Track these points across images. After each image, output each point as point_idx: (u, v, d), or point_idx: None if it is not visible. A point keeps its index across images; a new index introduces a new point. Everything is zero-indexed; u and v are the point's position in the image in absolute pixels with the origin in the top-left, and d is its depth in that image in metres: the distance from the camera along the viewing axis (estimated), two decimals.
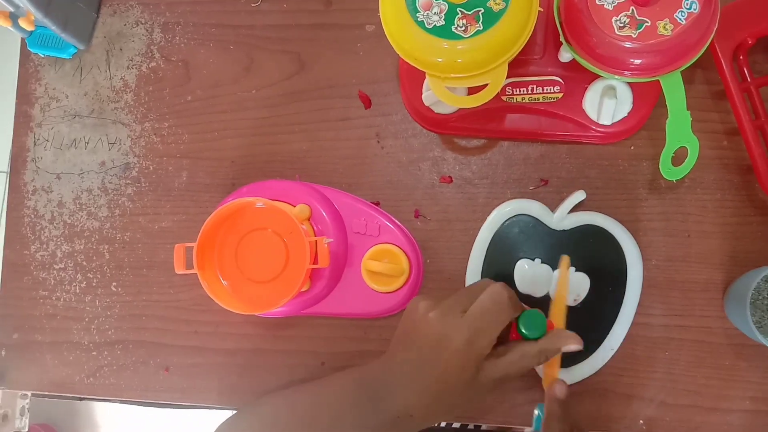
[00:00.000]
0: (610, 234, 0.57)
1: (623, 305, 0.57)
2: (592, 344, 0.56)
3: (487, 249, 0.59)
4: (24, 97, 0.70)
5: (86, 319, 0.65)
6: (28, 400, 0.72)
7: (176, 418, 1.65)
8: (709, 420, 0.56)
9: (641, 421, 0.57)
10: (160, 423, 1.66)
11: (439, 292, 0.60)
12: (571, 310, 0.55)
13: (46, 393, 0.67)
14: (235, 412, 0.58)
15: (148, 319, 0.64)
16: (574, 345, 0.49)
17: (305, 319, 0.61)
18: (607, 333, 0.57)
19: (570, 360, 0.56)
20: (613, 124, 0.56)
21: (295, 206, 0.59)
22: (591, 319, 0.57)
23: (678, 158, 0.53)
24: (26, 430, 0.71)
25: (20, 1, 0.59)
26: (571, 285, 0.56)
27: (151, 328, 0.64)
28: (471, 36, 0.48)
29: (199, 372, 0.63)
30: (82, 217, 0.66)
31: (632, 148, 0.59)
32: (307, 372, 0.61)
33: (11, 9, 0.60)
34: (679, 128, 0.53)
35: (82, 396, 0.67)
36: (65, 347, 0.66)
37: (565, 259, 0.54)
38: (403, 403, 0.49)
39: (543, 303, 0.56)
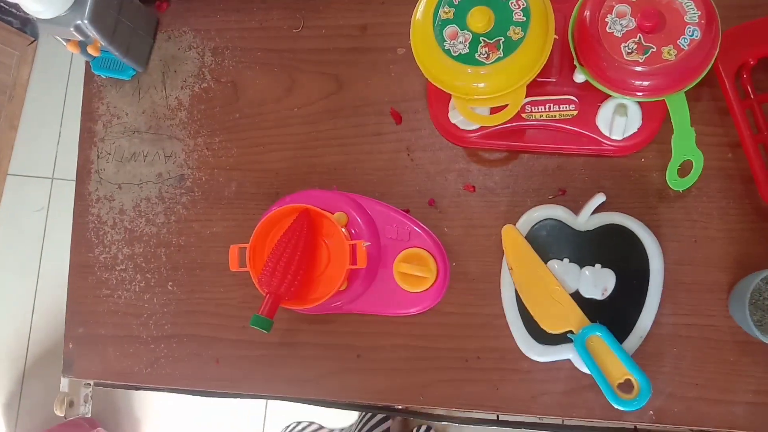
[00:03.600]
0: (630, 231, 0.62)
1: (648, 295, 0.61)
2: (622, 333, 0.61)
3: None
4: (88, 115, 0.77)
5: (144, 315, 0.73)
6: (90, 389, 0.80)
7: (212, 413, 1.72)
8: (715, 411, 0.60)
9: (651, 412, 0.61)
10: (198, 416, 1.73)
11: (464, 292, 0.65)
12: (600, 303, 0.61)
13: (108, 382, 0.75)
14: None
15: (201, 315, 0.71)
16: None
17: (342, 315, 0.67)
18: (635, 322, 0.61)
19: None
20: (624, 138, 0.61)
21: (333, 213, 0.65)
22: (619, 311, 0.61)
23: (684, 170, 0.58)
24: (89, 415, 0.78)
25: (90, 32, 0.66)
26: (598, 280, 0.61)
27: (204, 323, 0.71)
28: (493, 62, 0.54)
29: (246, 363, 0.69)
30: (141, 223, 0.74)
31: (642, 160, 0.63)
32: (344, 363, 0.67)
33: (81, 38, 0.67)
34: (684, 143, 0.57)
35: (141, 384, 0.74)
36: (126, 341, 0.73)
37: None
38: None
39: (574, 297, 0.61)
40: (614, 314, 0.61)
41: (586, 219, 0.62)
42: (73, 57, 2.07)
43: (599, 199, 0.62)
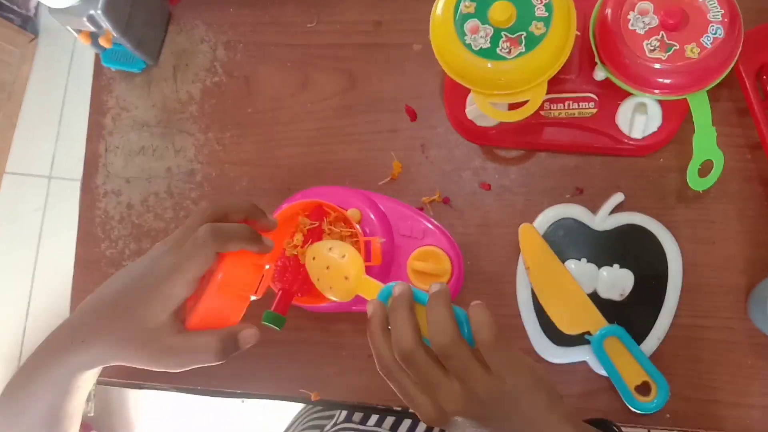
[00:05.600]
0: (648, 231, 0.61)
1: (666, 297, 0.61)
2: (640, 336, 0.60)
3: None
4: (97, 108, 0.76)
5: None
6: (93, 388, 0.78)
7: (202, 414, 1.70)
8: (732, 414, 0.60)
9: (668, 415, 0.60)
10: (189, 417, 1.71)
11: (479, 292, 0.64)
12: (617, 304, 0.60)
13: (112, 380, 0.73)
14: None
15: None
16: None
17: (352, 314, 0.66)
18: (653, 324, 0.60)
19: None
20: (643, 138, 0.60)
21: (347, 210, 0.64)
22: (637, 312, 0.61)
23: (704, 170, 0.58)
24: (92, 414, 0.77)
25: (103, 22, 0.65)
26: (616, 281, 0.61)
27: None
28: (514, 57, 0.53)
29: (257, 362, 0.68)
30: (149, 218, 0.72)
31: (661, 160, 0.63)
32: (355, 362, 0.66)
33: (94, 29, 0.67)
34: (705, 143, 0.57)
35: (143, 383, 0.72)
36: None
37: None
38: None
39: (591, 298, 0.61)
40: (632, 316, 0.60)
41: (604, 219, 0.62)
42: (74, 55, 2.06)
43: (618, 198, 0.61)
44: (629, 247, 0.61)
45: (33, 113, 1.96)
